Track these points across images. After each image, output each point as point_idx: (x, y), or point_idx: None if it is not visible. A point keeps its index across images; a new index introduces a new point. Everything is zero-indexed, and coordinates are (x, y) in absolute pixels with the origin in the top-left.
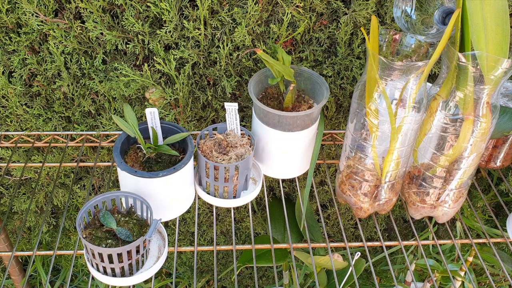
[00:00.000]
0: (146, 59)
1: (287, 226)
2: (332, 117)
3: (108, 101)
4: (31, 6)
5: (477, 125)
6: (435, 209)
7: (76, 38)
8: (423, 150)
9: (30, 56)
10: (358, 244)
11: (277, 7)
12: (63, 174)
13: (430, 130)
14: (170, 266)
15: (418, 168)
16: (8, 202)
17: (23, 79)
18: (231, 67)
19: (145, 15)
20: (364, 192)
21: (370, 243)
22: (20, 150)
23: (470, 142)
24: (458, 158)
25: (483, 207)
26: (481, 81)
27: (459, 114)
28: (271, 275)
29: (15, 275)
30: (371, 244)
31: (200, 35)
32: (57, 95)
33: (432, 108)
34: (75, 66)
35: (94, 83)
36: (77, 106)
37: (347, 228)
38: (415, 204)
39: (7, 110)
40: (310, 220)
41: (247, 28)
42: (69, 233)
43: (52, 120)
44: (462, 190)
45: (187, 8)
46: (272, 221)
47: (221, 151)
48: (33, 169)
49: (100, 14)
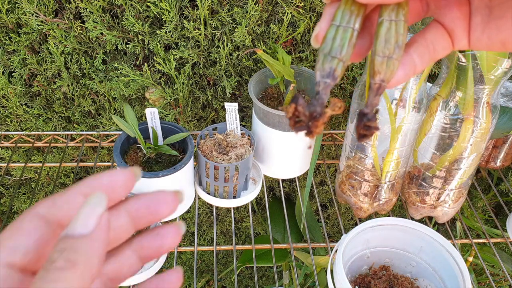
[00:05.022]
0: (146, 59)
1: (287, 226)
2: (332, 117)
3: (108, 101)
4: (31, 6)
5: (477, 125)
6: (435, 209)
7: (76, 38)
8: (423, 150)
9: (30, 56)
10: None
11: (277, 7)
12: (63, 174)
13: (430, 130)
14: (170, 266)
15: (418, 168)
16: (8, 202)
17: (23, 79)
18: (231, 67)
19: (145, 15)
20: (364, 192)
21: None
22: (20, 150)
23: (470, 142)
24: (458, 158)
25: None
26: (481, 81)
27: (459, 114)
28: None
29: None
30: None
31: (200, 35)
32: (57, 95)
33: (432, 108)
34: (75, 66)
35: (94, 83)
36: (77, 106)
37: (347, 228)
38: (415, 204)
39: (7, 110)
40: (310, 220)
41: (247, 28)
42: None
43: (52, 120)
44: (462, 190)
45: (187, 8)
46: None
47: (221, 151)
48: (33, 169)
49: (100, 14)
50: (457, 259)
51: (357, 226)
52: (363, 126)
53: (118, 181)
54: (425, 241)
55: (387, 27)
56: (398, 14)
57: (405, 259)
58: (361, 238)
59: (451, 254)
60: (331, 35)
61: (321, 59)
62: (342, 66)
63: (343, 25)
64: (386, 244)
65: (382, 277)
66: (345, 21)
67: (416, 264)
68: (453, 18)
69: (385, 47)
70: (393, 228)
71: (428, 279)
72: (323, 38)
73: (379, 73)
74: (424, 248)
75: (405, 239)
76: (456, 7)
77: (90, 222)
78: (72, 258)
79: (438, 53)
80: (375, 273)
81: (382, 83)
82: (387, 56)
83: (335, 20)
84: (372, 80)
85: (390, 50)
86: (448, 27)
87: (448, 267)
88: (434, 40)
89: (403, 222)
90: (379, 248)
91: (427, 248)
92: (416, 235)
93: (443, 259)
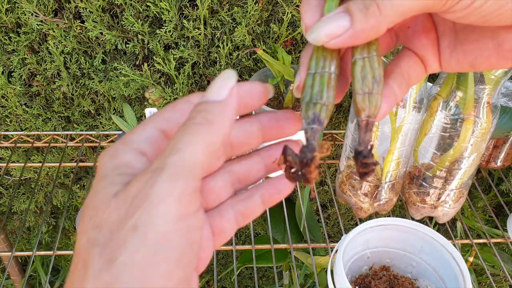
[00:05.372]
0: (145, 59)
1: (287, 226)
2: (332, 117)
3: (108, 101)
4: (30, 5)
5: (478, 125)
6: (436, 209)
7: (76, 38)
8: (423, 150)
9: (29, 56)
10: None
11: (277, 7)
12: (62, 174)
13: (431, 130)
14: None
15: (419, 168)
16: (7, 202)
17: (23, 79)
18: (231, 67)
19: (144, 14)
20: (365, 192)
21: None
22: (19, 150)
23: (470, 142)
24: (458, 158)
25: (483, 207)
26: (482, 81)
27: (459, 114)
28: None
29: (14, 275)
30: None
31: (200, 35)
32: (57, 95)
33: (433, 108)
34: (75, 66)
35: (93, 83)
36: (76, 106)
37: (348, 229)
38: (415, 204)
39: (7, 110)
40: (310, 220)
41: (247, 28)
42: (68, 234)
43: (52, 120)
44: (463, 190)
45: (187, 7)
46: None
47: None
48: (33, 169)
49: (100, 13)
50: (458, 259)
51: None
52: (361, 164)
53: (257, 91)
54: (425, 241)
55: (361, 65)
56: (370, 50)
57: (405, 259)
58: (361, 238)
59: (452, 254)
60: (309, 83)
61: (304, 108)
62: (325, 109)
63: (319, 72)
64: (387, 244)
65: (383, 277)
66: (320, 67)
67: (417, 265)
68: (422, 45)
69: (363, 85)
70: (393, 228)
71: (429, 279)
72: (302, 87)
73: (363, 110)
74: (425, 248)
75: (406, 239)
76: (424, 34)
77: (222, 92)
78: (208, 117)
79: (413, 80)
80: (376, 273)
81: (368, 119)
82: (368, 93)
83: (310, 69)
84: (359, 118)
85: (369, 86)
86: (419, 53)
87: (448, 267)
88: (408, 68)
89: (403, 222)
90: (380, 248)
91: (427, 248)
92: (416, 235)
93: (444, 259)
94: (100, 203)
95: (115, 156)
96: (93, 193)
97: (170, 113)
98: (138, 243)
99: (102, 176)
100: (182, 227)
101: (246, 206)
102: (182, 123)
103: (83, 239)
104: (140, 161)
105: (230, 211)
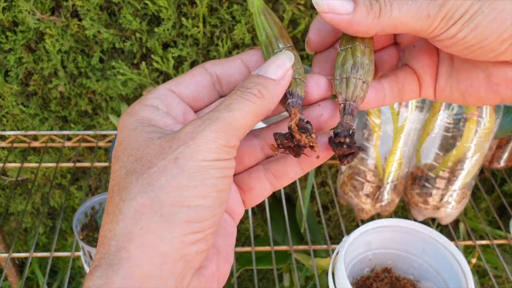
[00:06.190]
0: (143, 58)
1: (288, 228)
2: None
3: (105, 100)
4: (27, 4)
5: (481, 124)
6: (438, 210)
7: (73, 37)
8: (426, 150)
9: (26, 54)
10: None
11: (278, 5)
12: (59, 174)
13: (433, 130)
14: None
15: (421, 168)
16: (4, 203)
17: (19, 78)
18: None
19: (142, 12)
20: (366, 193)
21: None
22: (16, 150)
23: (473, 142)
24: (461, 159)
25: (486, 208)
26: None
27: (462, 114)
28: (271, 277)
29: (12, 277)
30: None
31: (199, 33)
32: (54, 94)
33: (435, 107)
34: (72, 64)
35: (91, 82)
36: (73, 106)
37: (349, 230)
38: (418, 205)
39: (3, 109)
40: (311, 221)
41: (246, 26)
42: (66, 235)
43: (49, 119)
44: (466, 190)
45: (186, 5)
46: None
47: None
48: (30, 170)
49: (97, 12)
50: (460, 261)
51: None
52: (335, 144)
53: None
54: (427, 242)
55: (343, 55)
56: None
57: (407, 261)
58: (363, 240)
59: (454, 256)
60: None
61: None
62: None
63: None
64: (388, 246)
65: (384, 279)
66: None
67: (419, 266)
68: (423, 65)
69: (342, 70)
70: (395, 229)
71: (431, 281)
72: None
73: (340, 94)
74: (427, 250)
75: (408, 241)
76: (426, 55)
77: (279, 71)
78: (263, 92)
79: (405, 94)
80: (377, 275)
81: (346, 102)
82: (345, 77)
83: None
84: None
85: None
86: (418, 72)
87: (451, 269)
88: (404, 80)
89: (405, 224)
90: (381, 250)
91: (429, 250)
92: (418, 236)
93: (446, 261)
94: (141, 143)
95: (134, 114)
96: (129, 138)
97: (182, 77)
98: (177, 171)
99: (132, 129)
100: (219, 165)
101: (277, 165)
102: (192, 87)
103: (121, 171)
104: (157, 114)
105: (260, 169)
